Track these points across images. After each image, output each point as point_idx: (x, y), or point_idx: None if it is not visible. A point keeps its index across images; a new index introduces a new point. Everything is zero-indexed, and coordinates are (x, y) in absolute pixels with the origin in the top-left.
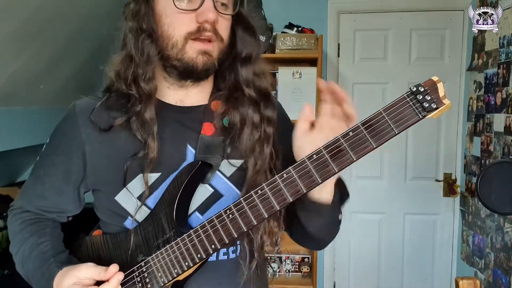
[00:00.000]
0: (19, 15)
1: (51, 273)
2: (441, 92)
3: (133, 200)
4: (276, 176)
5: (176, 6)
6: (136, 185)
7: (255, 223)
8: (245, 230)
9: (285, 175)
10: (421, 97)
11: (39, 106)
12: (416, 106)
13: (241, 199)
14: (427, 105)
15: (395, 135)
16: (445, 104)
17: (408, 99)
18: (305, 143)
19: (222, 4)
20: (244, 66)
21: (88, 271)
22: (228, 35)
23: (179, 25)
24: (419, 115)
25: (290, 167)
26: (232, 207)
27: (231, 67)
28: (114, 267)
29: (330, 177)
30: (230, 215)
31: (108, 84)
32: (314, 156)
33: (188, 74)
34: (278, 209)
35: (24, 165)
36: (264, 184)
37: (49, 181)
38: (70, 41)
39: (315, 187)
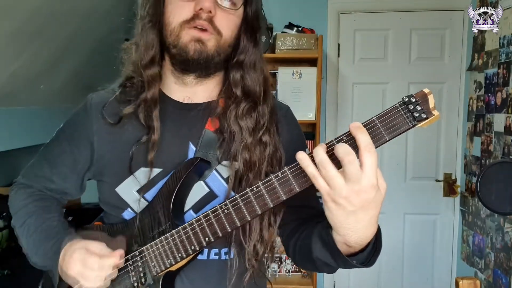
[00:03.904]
0: (19, 15)
1: (62, 242)
2: (431, 104)
3: (133, 192)
4: (272, 176)
5: None
6: (138, 178)
7: (249, 219)
8: (239, 225)
9: (280, 175)
10: (412, 107)
11: (39, 106)
12: (407, 115)
13: (237, 195)
14: (418, 115)
15: (386, 142)
16: (434, 115)
17: (400, 108)
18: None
19: (231, 2)
20: (235, 69)
21: (98, 246)
22: (230, 32)
23: (177, 13)
24: (410, 124)
25: (285, 168)
26: (228, 203)
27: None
28: (119, 251)
29: None
30: (226, 210)
31: (123, 79)
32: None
33: (183, 62)
34: (272, 206)
35: (24, 165)
36: (260, 183)
37: (58, 167)
38: (70, 41)
39: (307, 186)
